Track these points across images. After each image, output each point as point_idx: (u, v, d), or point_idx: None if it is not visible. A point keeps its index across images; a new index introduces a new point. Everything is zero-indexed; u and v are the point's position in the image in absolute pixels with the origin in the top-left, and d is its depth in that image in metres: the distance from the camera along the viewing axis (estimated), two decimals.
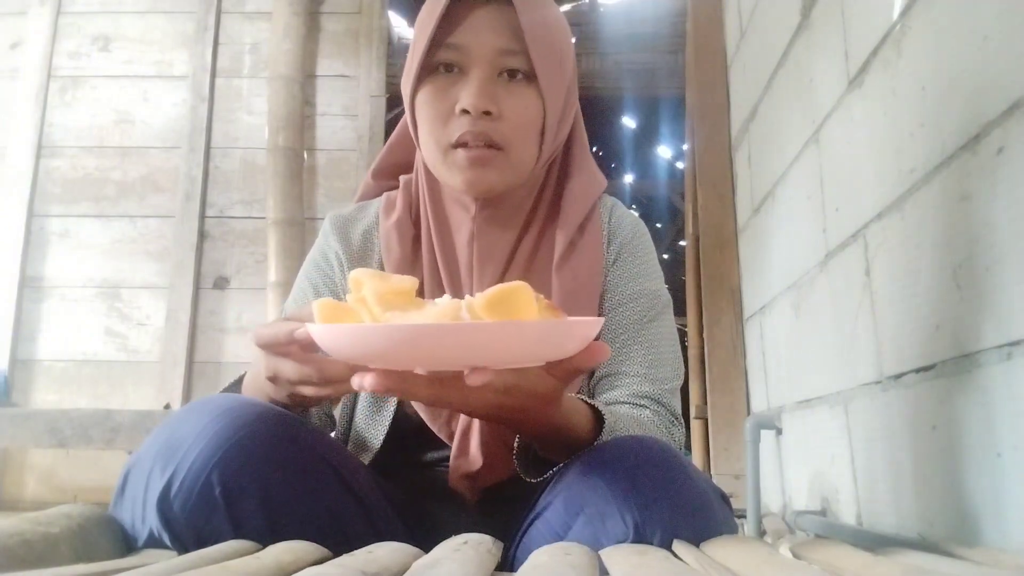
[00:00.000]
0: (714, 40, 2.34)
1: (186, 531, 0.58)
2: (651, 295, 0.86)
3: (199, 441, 0.58)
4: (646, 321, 0.84)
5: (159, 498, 0.57)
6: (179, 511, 0.57)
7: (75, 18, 2.51)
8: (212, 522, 0.58)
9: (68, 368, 2.32)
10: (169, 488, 0.57)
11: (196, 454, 0.58)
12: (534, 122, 0.78)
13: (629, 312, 0.84)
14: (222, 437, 0.59)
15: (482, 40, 0.76)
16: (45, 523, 0.52)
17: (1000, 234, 0.85)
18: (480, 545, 0.53)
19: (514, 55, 0.76)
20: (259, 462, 0.60)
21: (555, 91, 0.79)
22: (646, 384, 0.80)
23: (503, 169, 0.78)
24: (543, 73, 0.77)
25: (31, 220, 2.38)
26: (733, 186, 2.23)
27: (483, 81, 0.76)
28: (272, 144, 2.36)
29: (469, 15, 0.76)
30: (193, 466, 0.58)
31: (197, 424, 0.60)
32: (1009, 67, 0.83)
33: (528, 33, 0.75)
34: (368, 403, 0.84)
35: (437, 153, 0.78)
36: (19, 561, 0.47)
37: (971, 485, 0.91)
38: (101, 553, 0.55)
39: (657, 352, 0.83)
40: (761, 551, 0.52)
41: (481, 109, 0.75)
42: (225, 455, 0.58)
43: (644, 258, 0.88)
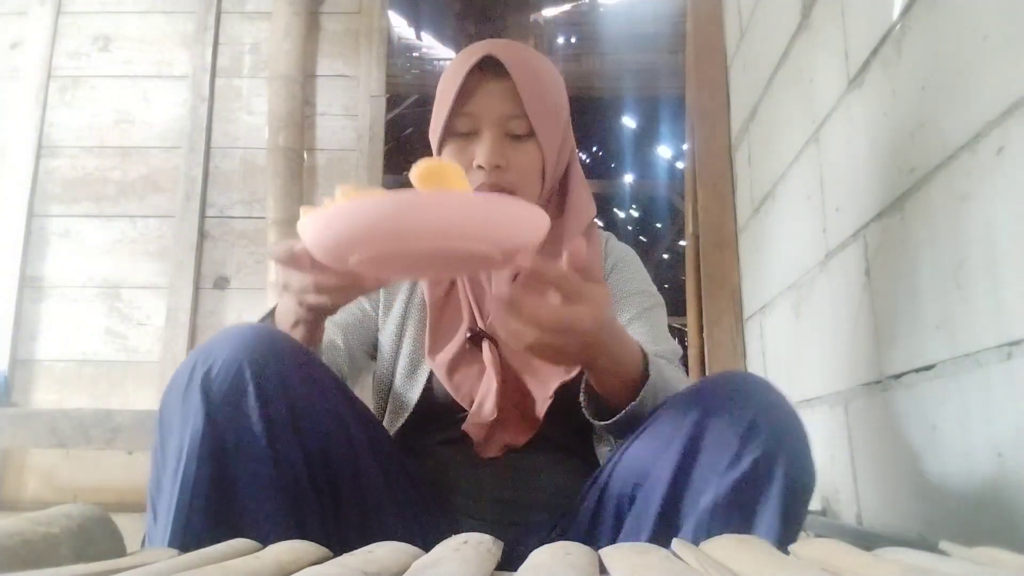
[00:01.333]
0: (714, 40, 2.33)
1: (222, 409, 0.68)
2: (647, 293, 1.03)
3: (232, 341, 0.71)
4: (644, 310, 1.00)
5: (202, 380, 0.68)
6: (217, 391, 0.68)
7: (75, 18, 2.51)
8: (243, 405, 0.68)
9: (68, 368, 2.32)
10: (209, 373, 0.68)
11: (230, 349, 0.70)
12: (536, 169, 0.95)
13: (630, 305, 1.00)
14: (250, 339, 0.72)
15: (491, 109, 0.93)
16: (45, 523, 0.52)
17: (1000, 234, 0.85)
18: (480, 545, 0.53)
19: (517, 119, 0.93)
20: (282, 361, 0.71)
21: (551, 143, 0.96)
22: (654, 345, 0.92)
23: None
24: (540, 131, 0.94)
25: (31, 220, 2.38)
26: (733, 186, 2.23)
27: (493, 141, 0.92)
28: (272, 144, 2.36)
29: (480, 88, 0.93)
30: (228, 356, 0.69)
31: (230, 333, 0.73)
32: (1009, 67, 0.83)
33: (526, 103, 0.92)
34: (405, 368, 0.99)
35: None
36: (19, 561, 0.47)
37: (971, 485, 0.91)
38: (101, 553, 0.55)
39: (656, 331, 0.98)
40: (761, 551, 0.52)
41: (493, 164, 0.92)
42: (254, 350, 0.70)
43: (637, 269, 1.06)
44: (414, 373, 0.98)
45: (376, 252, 0.60)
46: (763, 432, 0.66)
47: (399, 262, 0.64)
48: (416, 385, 0.97)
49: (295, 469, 0.70)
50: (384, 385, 1.01)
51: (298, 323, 0.79)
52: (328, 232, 0.60)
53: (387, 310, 1.04)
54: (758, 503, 0.65)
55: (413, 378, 0.98)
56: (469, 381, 0.94)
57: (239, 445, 0.68)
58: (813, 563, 0.51)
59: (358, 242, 0.59)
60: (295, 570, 0.48)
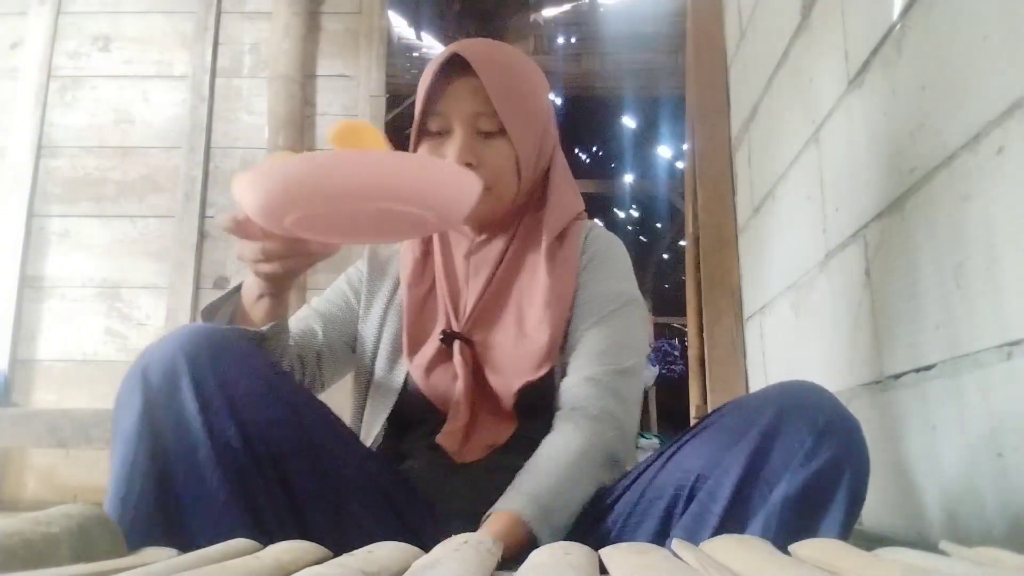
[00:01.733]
0: (714, 40, 2.33)
1: (159, 397, 0.71)
2: (617, 292, 0.98)
3: (170, 338, 0.74)
4: (607, 314, 0.96)
5: (141, 374, 0.71)
6: (154, 382, 0.71)
7: (75, 18, 2.51)
8: (178, 393, 0.71)
9: (68, 368, 2.32)
10: (148, 368, 0.72)
11: (168, 345, 0.73)
12: (510, 165, 0.94)
13: (595, 307, 0.96)
14: (186, 334, 0.75)
15: (460, 107, 0.93)
16: (45, 523, 0.52)
17: (1000, 234, 0.85)
18: (480, 545, 0.53)
19: (487, 117, 0.92)
20: (215, 350, 0.73)
21: (524, 141, 0.94)
22: (595, 367, 0.91)
23: (488, 202, 0.92)
24: (512, 128, 0.93)
25: (31, 220, 2.38)
26: (733, 186, 2.23)
27: (464, 139, 0.92)
28: (272, 144, 2.36)
29: (449, 86, 0.93)
30: (164, 350, 0.73)
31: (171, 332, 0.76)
32: (1009, 67, 0.83)
33: (495, 100, 0.91)
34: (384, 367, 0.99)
35: None
36: (19, 561, 0.47)
37: (971, 485, 0.91)
38: (101, 553, 0.55)
39: (616, 337, 0.94)
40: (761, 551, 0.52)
41: (463, 162, 0.90)
42: (188, 343, 0.73)
43: (615, 265, 1.01)
44: (392, 371, 0.98)
45: (305, 212, 0.62)
46: (836, 435, 0.67)
47: (333, 224, 0.66)
48: (395, 383, 0.97)
49: (234, 450, 0.71)
50: (363, 382, 1.01)
51: (261, 296, 0.83)
52: (258, 193, 0.61)
53: (368, 306, 1.03)
54: (827, 503, 0.66)
55: (392, 376, 0.98)
56: (444, 383, 0.94)
57: (176, 428, 0.70)
58: (813, 563, 0.51)
59: (286, 202, 0.61)
60: (295, 570, 0.48)
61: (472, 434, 0.92)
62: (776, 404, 0.71)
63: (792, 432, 0.68)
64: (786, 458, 0.68)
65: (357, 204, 0.61)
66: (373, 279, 1.05)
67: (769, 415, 0.70)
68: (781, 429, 0.69)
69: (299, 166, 0.59)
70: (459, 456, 0.91)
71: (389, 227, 0.71)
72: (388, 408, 0.97)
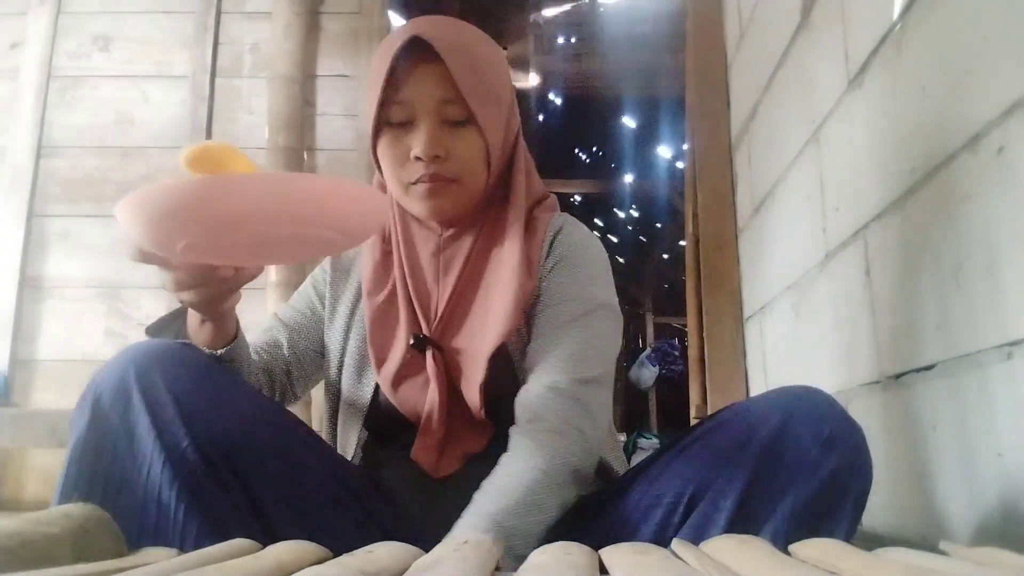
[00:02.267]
0: (714, 40, 2.33)
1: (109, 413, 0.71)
2: (585, 298, 0.90)
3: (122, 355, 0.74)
4: (571, 320, 0.88)
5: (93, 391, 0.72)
6: (105, 400, 0.71)
7: (75, 18, 2.51)
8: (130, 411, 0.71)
9: (68, 368, 2.31)
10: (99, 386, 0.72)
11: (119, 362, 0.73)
12: (479, 156, 0.88)
13: (560, 311, 0.89)
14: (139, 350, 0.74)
15: (424, 95, 0.86)
16: (45, 523, 0.52)
17: (1000, 234, 0.85)
18: (480, 545, 0.53)
19: (454, 104, 0.86)
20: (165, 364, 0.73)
21: (493, 128, 0.89)
22: (562, 374, 0.84)
23: (458, 195, 0.89)
24: (481, 115, 0.87)
25: (31, 220, 2.38)
26: (733, 186, 2.23)
27: (431, 129, 0.86)
28: (272, 144, 2.36)
29: (412, 74, 0.86)
30: (115, 367, 0.72)
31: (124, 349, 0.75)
32: (1009, 67, 0.83)
33: (462, 87, 0.84)
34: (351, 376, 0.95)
35: (399, 190, 0.90)
36: (19, 561, 0.47)
37: (971, 485, 0.91)
38: (101, 553, 0.55)
39: (581, 346, 0.86)
40: (761, 551, 0.52)
41: (431, 155, 0.85)
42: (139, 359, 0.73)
43: (585, 268, 0.93)
44: (360, 383, 0.94)
45: (191, 240, 0.57)
46: (842, 445, 0.66)
47: (232, 248, 0.61)
48: (364, 397, 0.93)
49: (190, 462, 0.70)
50: (332, 394, 0.97)
51: (203, 321, 0.79)
52: (138, 221, 0.56)
53: (332, 313, 0.98)
54: (833, 514, 0.65)
55: (360, 389, 0.94)
56: (414, 394, 0.89)
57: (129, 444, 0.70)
58: (813, 563, 0.51)
59: (169, 230, 0.56)
60: (295, 570, 0.48)
61: (447, 447, 0.87)
62: (780, 412, 0.69)
63: (797, 442, 0.67)
64: (791, 470, 0.67)
65: (251, 230, 0.57)
66: (336, 283, 0.99)
67: (773, 424, 0.69)
68: (785, 439, 0.68)
69: (174, 193, 0.54)
70: (435, 471, 0.87)
71: (296, 248, 0.66)
72: (359, 422, 0.93)
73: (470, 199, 0.91)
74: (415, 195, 0.89)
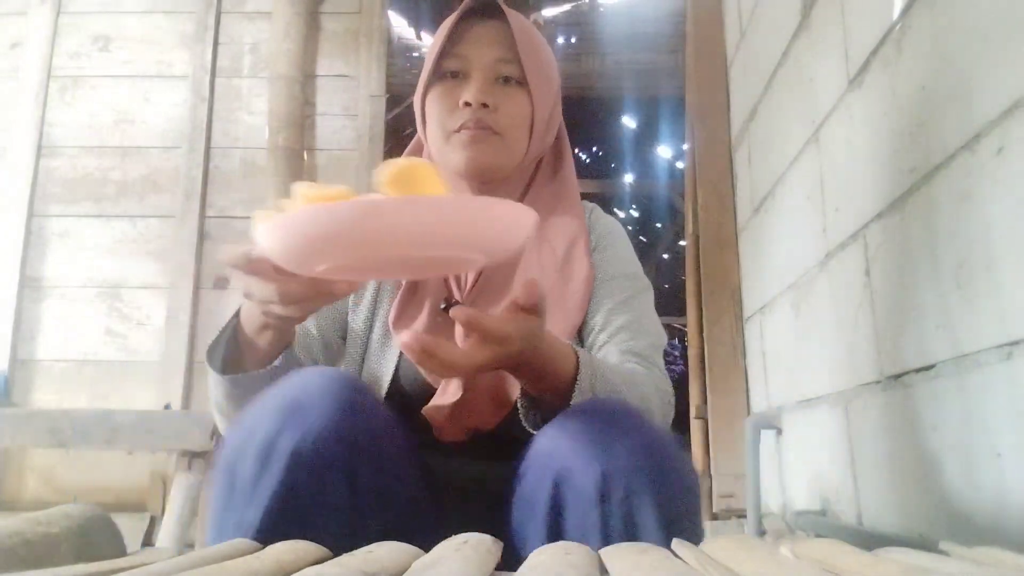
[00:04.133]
0: (714, 40, 2.33)
1: (305, 487, 0.63)
2: (633, 276, 0.97)
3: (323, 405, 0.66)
4: (629, 296, 0.94)
5: (291, 451, 0.63)
6: (303, 465, 0.63)
7: (75, 18, 2.51)
8: (328, 486, 0.64)
9: (68, 368, 2.31)
10: (300, 445, 0.64)
11: (322, 418, 0.65)
12: (525, 117, 0.92)
13: (614, 288, 0.94)
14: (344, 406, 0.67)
15: (482, 51, 0.91)
16: (45, 523, 0.52)
17: (1000, 234, 0.85)
18: (480, 545, 0.53)
19: (508, 63, 0.91)
20: (375, 437, 0.68)
21: (542, 96, 0.93)
22: (631, 342, 0.89)
23: (499, 150, 0.91)
24: (532, 79, 0.91)
25: (31, 220, 2.38)
26: (733, 186, 2.23)
27: (483, 82, 0.90)
28: (272, 144, 2.36)
29: (471, 30, 0.92)
30: (319, 427, 0.65)
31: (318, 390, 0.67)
32: (1009, 67, 0.83)
33: (520, 45, 0.90)
34: (376, 349, 0.93)
35: (442, 137, 0.92)
36: (19, 561, 0.47)
37: (971, 485, 0.91)
38: (101, 553, 0.55)
39: (640, 319, 0.93)
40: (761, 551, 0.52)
41: (480, 102, 0.88)
42: (348, 426, 0.66)
43: (622, 247, 0.99)
44: (385, 355, 0.92)
45: (347, 260, 0.55)
46: (621, 481, 0.63)
47: (372, 267, 0.60)
48: (388, 365, 0.91)
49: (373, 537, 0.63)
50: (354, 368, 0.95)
51: (266, 328, 0.74)
52: (292, 240, 0.53)
53: (358, 294, 0.97)
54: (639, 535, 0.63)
55: (384, 359, 0.92)
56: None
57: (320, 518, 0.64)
58: (813, 563, 0.51)
59: (327, 251, 0.54)
60: (295, 570, 0.48)
61: (459, 415, 0.85)
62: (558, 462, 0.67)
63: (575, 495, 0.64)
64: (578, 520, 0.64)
65: (403, 253, 0.55)
66: None
67: (552, 479, 0.66)
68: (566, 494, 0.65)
69: (338, 216, 0.51)
70: (440, 432, 0.85)
71: (429, 267, 0.65)
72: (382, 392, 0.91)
73: (508, 157, 0.92)
74: (456, 143, 0.91)
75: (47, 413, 1.99)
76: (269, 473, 0.63)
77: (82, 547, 0.53)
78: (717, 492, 2.12)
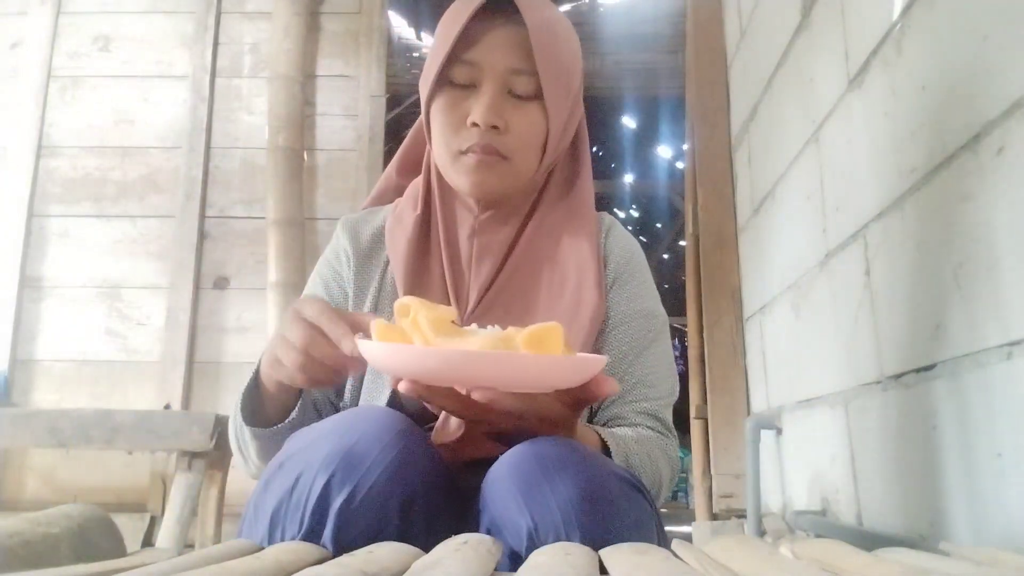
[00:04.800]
0: (714, 40, 2.33)
1: (359, 538, 0.59)
2: (649, 315, 0.90)
3: (382, 459, 0.62)
4: (646, 341, 0.88)
5: (339, 508, 0.59)
6: (359, 519, 0.60)
7: (75, 18, 2.51)
8: (386, 531, 0.61)
9: (68, 368, 2.32)
10: (352, 499, 0.60)
11: (378, 472, 0.61)
12: (538, 136, 0.84)
13: (629, 332, 0.88)
14: (401, 461, 0.63)
15: (495, 59, 0.81)
16: (45, 523, 0.52)
17: (1000, 234, 0.85)
18: (480, 545, 0.53)
19: (523, 75, 0.82)
20: (430, 497, 0.65)
21: (559, 109, 0.84)
22: (644, 401, 0.86)
23: (505, 175, 0.84)
24: (549, 94, 0.82)
25: (31, 220, 2.38)
26: (733, 186, 2.23)
27: (493, 97, 0.81)
28: (272, 144, 2.36)
29: (485, 34, 0.82)
30: (374, 484, 0.61)
31: (379, 443, 0.63)
32: (1009, 67, 0.83)
33: (538, 55, 0.80)
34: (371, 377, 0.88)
35: (448, 157, 0.85)
36: (19, 561, 0.47)
37: (971, 485, 0.91)
38: (101, 553, 0.55)
39: (656, 371, 0.88)
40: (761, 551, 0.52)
41: (490, 124, 0.81)
42: (405, 482, 0.62)
43: (641, 279, 0.92)
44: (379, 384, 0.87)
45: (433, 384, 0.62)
46: (551, 533, 0.59)
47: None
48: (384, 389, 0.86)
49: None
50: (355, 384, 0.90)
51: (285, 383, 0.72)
52: (394, 365, 0.60)
53: (358, 303, 0.91)
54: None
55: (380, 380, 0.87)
56: None
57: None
58: (813, 563, 0.51)
59: (421, 378, 0.60)
60: (295, 570, 0.48)
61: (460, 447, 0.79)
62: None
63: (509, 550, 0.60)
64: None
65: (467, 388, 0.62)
66: (360, 270, 0.91)
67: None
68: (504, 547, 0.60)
69: (454, 363, 0.57)
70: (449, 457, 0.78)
71: None
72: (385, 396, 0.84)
73: (516, 181, 0.86)
74: (462, 167, 0.84)
75: (47, 413, 1.99)
76: (319, 529, 0.60)
77: (82, 547, 0.53)
78: (717, 492, 2.12)
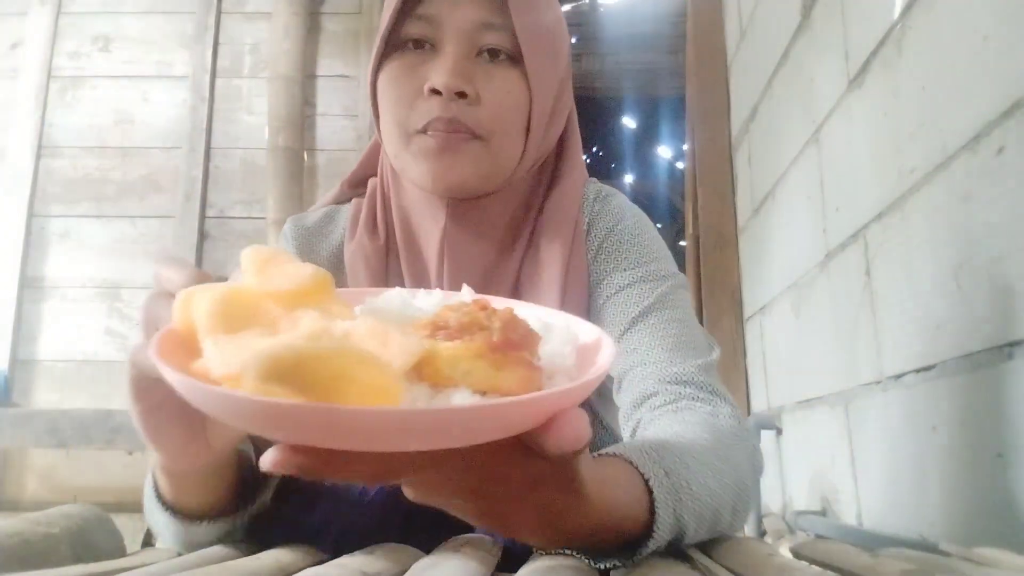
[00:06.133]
0: (714, 40, 2.33)
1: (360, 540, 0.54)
2: (645, 279, 0.70)
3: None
4: (647, 306, 0.68)
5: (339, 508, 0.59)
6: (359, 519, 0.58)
7: (75, 18, 2.51)
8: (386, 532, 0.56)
9: (68, 368, 2.32)
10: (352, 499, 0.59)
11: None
12: (518, 111, 0.65)
13: (623, 303, 0.69)
14: None
15: (458, 10, 0.63)
16: (45, 523, 0.52)
17: (1000, 234, 0.85)
18: (480, 545, 0.53)
19: (495, 30, 0.64)
20: None
21: (544, 76, 0.66)
22: (672, 366, 0.64)
23: (479, 160, 0.64)
24: (530, 53, 0.64)
25: (31, 220, 2.38)
26: (733, 186, 2.23)
27: (458, 58, 0.63)
28: (272, 144, 2.36)
29: None
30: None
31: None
32: (1009, 67, 0.83)
33: (514, 5, 0.63)
34: None
35: (400, 141, 0.66)
36: (19, 561, 0.47)
37: (971, 485, 0.91)
38: (101, 553, 0.55)
39: (673, 333, 0.67)
40: (761, 551, 0.52)
41: (454, 89, 0.62)
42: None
43: (632, 244, 0.72)
44: None
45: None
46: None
47: None
48: None
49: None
50: None
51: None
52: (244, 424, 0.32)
53: None
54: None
55: None
56: None
57: None
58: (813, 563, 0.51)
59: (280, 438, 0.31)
60: (295, 570, 0.48)
61: None
62: None
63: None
64: None
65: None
66: None
67: None
68: None
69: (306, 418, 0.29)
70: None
71: None
72: None
73: (493, 170, 0.66)
74: (419, 151, 0.64)
75: (47, 413, 1.99)
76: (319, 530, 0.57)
77: (82, 547, 0.53)
78: None
